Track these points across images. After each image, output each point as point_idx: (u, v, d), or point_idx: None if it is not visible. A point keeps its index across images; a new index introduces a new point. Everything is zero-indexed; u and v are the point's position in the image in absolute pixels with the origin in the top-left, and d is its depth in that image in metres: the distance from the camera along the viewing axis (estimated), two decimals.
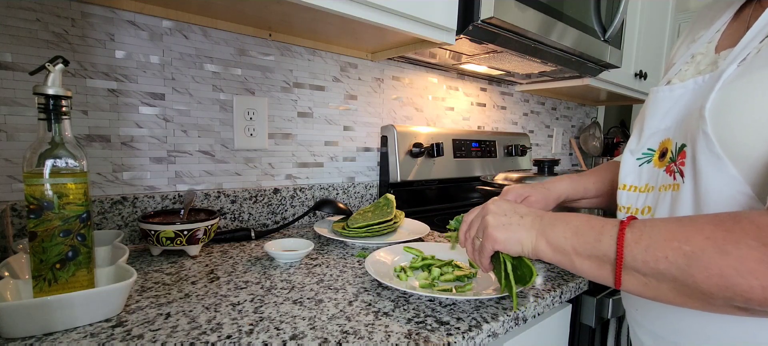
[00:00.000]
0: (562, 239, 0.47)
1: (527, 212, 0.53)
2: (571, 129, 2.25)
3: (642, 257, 0.40)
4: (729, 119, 0.42)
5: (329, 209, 1.04)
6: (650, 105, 0.56)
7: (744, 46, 0.45)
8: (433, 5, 0.88)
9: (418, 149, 1.24)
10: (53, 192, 0.50)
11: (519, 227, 0.51)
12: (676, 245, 0.38)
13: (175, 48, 0.89)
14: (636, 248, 0.40)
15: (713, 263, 0.35)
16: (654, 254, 0.39)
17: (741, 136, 0.41)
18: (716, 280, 0.35)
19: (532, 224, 0.50)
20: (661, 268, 0.38)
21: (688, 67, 0.55)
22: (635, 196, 0.55)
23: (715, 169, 0.43)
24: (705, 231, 0.37)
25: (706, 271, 0.36)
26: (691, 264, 0.36)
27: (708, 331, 0.46)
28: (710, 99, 0.44)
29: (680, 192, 0.47)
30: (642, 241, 0.40)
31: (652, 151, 0.54)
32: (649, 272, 0.40)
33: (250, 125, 1.01)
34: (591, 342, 0.82)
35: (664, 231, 0.39)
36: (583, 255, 0.45)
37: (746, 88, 0.42)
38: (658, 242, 0.39)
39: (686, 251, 0.37)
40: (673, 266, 0.38)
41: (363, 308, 0.59)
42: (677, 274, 0.37)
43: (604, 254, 0.43)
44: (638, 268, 0.40)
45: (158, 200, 0.88)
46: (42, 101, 0.50)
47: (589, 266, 0.45)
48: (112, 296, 0.53)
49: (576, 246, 0.45)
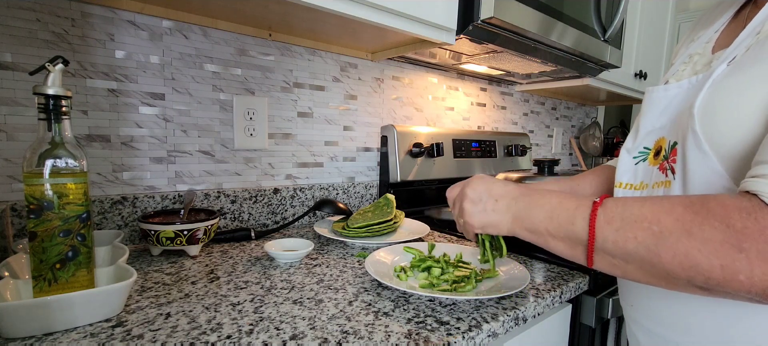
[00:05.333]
0: (537, 223, 0.49)
1: (502, 193, 0.54)
2: (571, 129, 2.25)
3: (613, 238, 0.41)
4: (715, 117, 0.43)
5: (329, 209, 1.04)
6: (646, 104, 0.56)
7: (736, 46, 0.46)
8: (433, 5, 0.88)
9: (418, 149, 1.24)
10: (53, 192, 0.50)
11: (494, 213, 0.54)
12: (646, 226, 0.39)
13: (175, 48, 0.89)
14: (607, 229, 0.42)
15: (680, 243, 0.37)
16: (624, 234, 0.40)
17: (726, 133, 0.42)
18: (681, 259, 0.36)
19: (508, 208, 0.53)
20: (629, 248, 0.40)
21: (685, 67, 0.56)
22: (631, 193, 0.56)
23: (702, 165, 0.44)
24: (675, 212, 0.38)
25: (671, 251, 0.37)
26: (658, 244, 0.38)
27: (703, 327, 0.47)
28: (699, 98, 0.45)
29: (671, 189, 0.48)
30: (613, 221, 0.41)
31: (647, 150, 0.55)
32: (617, 253, 0.41)
33: (250, 125, 1.01)
34: (591, 342, 0.82)
35: (636, 211, 0.40)
36: (557, 237, 0.47)
37: (732, 87, 0.43)
38: (628, 223, 0.40)
39: (655, 232, 0.38)
40: (641, 246, 0.39)
41: (363, 308, 0.59)
42: (644, 254, 0.39)
43: (576, 236, 0.45)
44: (607, 249, 0.42)
45: (158, 200, 0.88)
46: (42, 101, 0.50)
47: (563, 247, 0.47)
48: (112, 296, 0.53)
49: (550, 229, 0.48)
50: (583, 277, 0.75)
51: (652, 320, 0.53)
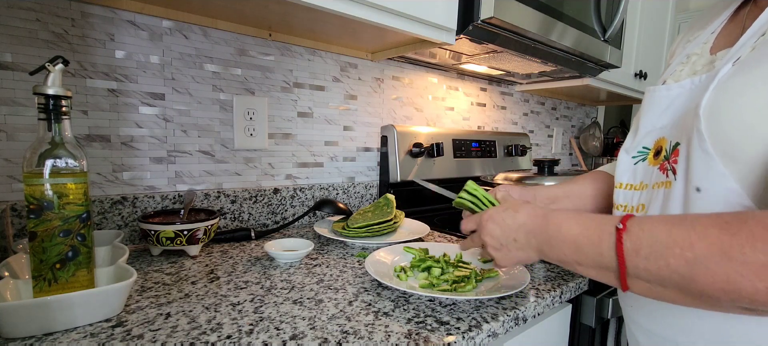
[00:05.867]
0: (563, 256, 0.48)
1: (517, 228, 0.53)
2: (571, 129, 2.25)
3: (644, 266, 0.40)
4: (721, 118, 0.42)
5: (329, 209, 1.04)
6: (646, 104, 0.56)
7: (740, 46, 0.46)
8: (433, 5, 0.88)
9: (418, 149, 1.24)
10: (53, 192, 0.50)
11: (518, 252, 0.53)
12: (678, 252, 0.37)
13: (175, 48, 0.89)
14: (636, 258, 0.40)
15: (719, 268, 0.35)
16: (656, 262, 0.39)
17: (731, 135, 0.41)
18: (722, 285, 0.35)
19: (528, 244, 0.52)
20: (663, 275, 0.39)
21: (683, 67, 0.56)
22: (631, 194, 0.56)
23: (705, 167, 0.43)
24: (709, 236, 0.36)
25: (710, 276, 0.36)
26: (694, 270, 0.36)
27: (703, 328, 0.47)
28: (705, 98, 0.44)
29: (672, 189, 0.48)
30: (641, 250, 0.40)
31: (647, 150, 0.54)
32: (652, 279, 0.40)
33: (250, 125, 1.01)
34: (591, 342, 0.82)
35: (665, 235, 0.39)
36: (586, 265, 0.46)
37: (738, 88, 0.42)
38: (658, 250, 0.39)
39: (688, 258, 0.37)
40: (675, 273, 0.38)
41: (363, 308, 0.59)
42: (679, 280, 0.38)
43: (607, 266, 0.44)
44: (641, 275, 0.41)
45: (158, 200, 0.88)
46: (42, 101, 0.50)
47: (594, 273, 0.46)
48: (112, 296, 0.53)
49: (579, 260, 0.47)
50: (582, 277, 0.75)
51: (652, 320, 0.53)
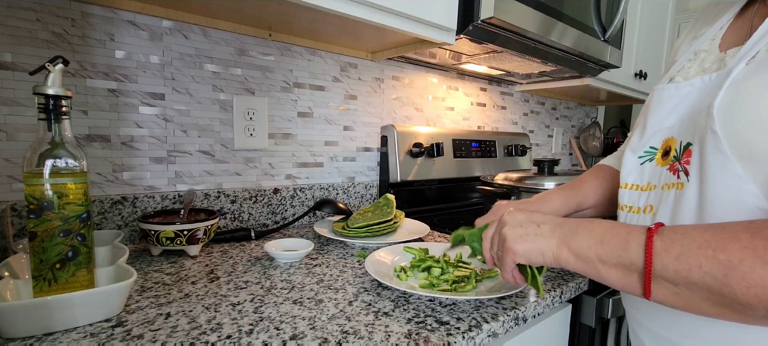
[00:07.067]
0: (585, 248, 0.45)
1: (544, 219, 0.51)
2: (571, 129, 2.25)
3: (673, 266, 0.38)
4: (736, 117, 0.41)
5: (329, 209, 1.04)
6: (654, 103, 0.55)
7: (753, 45, 0.45)
8: (433, 5, 0.88)
9: (418, 149, 1.24)
10: (53, 192, 0.50)
11: (538, 237, 0.49)
12: (711, 254, 0.36)
13: (175, 48, 0.89)
14: (666, 257, 0.38)
15: (755, 273, 0.34)
16: (687, 262, 0.37)
17: (748, 135, 0.40)
18: (758, 291, 0.34)
19: (552, 232, 0.49)
20: (694, 278, 0.37)
21: (691, 64, 0.55)
22: (637, 195, 0.54)
23: (721, 168, 0.42)
24: (742, 240, 0.35)
25: (745, 281, 0.34)
26: (728, 274, 0.35)
27: (709, 331, 0.46)
28: (718, 97, 0.43)
29: (684, 191, 0.47)
30: (672, 249, 0.38)
31: (654, 150, 0.53)
32: (680, 282, 0.38)
33: (250, 125, 1.01)
34: (591, 342, 0.82)
35: (697, 239, 0.37)
36: (608, 263, 0.43)
37: (755, 87, 0.41)
38: (690, 250, 0.37)
39: (721, 260, 0.35)
40: (707, 275, 0.36)
41: (363, 308, 0.59)
42: (712, 284, 0.36)
43: (631, 263, 0.41)
44: (669, 277, 0.38)
45: (158, 200, 0.88)
46: (42, 101, 0.50)
47: (615, 274, 0.43)
48: (112, 296, 0.53)
49: (601, 255, 0.44)
50: (582, 277, 0.75)
51: (657, 323, 0.52)
